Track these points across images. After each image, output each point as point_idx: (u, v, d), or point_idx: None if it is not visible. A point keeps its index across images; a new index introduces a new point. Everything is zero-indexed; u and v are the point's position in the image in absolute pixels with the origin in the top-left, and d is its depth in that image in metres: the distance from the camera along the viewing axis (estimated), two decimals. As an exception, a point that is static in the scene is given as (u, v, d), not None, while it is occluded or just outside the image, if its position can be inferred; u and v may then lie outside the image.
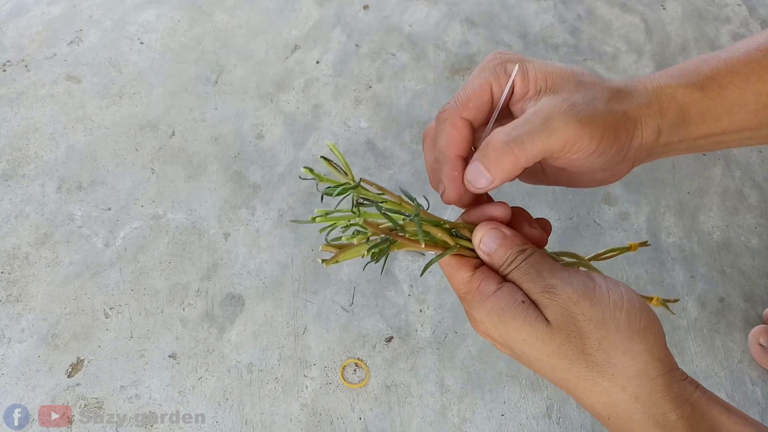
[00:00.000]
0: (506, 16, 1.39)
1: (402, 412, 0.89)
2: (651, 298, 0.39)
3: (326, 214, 0.33)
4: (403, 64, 1.28)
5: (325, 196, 0.34)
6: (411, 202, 0.34)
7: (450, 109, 0.34)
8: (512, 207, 0.36)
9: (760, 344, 0.93)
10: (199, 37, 1.31)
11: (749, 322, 0.98)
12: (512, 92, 0.34)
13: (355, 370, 0.92)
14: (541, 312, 0.30)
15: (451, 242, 0.34)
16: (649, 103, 0.32)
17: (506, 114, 0.35)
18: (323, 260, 0.32)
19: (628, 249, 0.41)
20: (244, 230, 1.05)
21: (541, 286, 0.30)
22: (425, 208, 0.35)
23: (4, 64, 1.24)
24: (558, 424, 0.89)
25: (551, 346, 0.29)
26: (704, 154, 1.17)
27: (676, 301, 0.41)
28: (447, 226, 0.35)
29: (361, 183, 0.34)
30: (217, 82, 1.24)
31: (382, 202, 0.34)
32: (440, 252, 0.33)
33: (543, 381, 0.92)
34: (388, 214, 0.34)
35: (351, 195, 0.34)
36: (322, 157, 0.33)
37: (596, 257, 0.41)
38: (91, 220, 1.05)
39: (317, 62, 1.28)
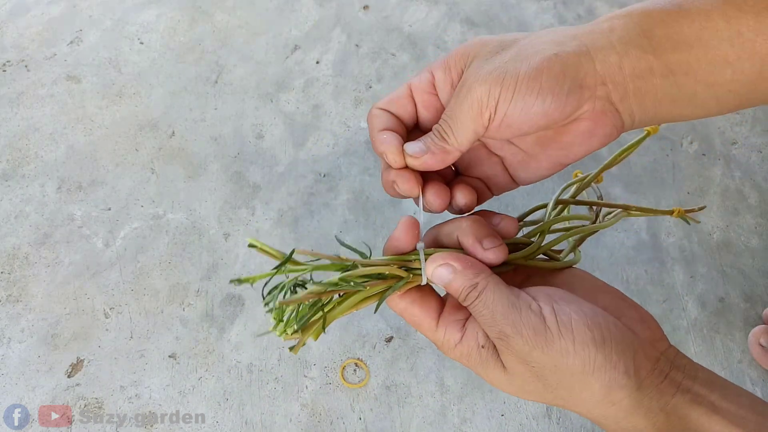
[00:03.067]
0: (506, 16, 1.39)
1: (402, 412, 0.89)
2: (672, 211, 0.39)
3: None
4: (403, 64, 1.28)
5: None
6: (350, 257, 0.34)
7: (374, 106, 0.37)
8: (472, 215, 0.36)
9: (761, 345, 0.93)
10: (199, 37, 1.31)
11: (749, 322, 0.98)
12: (435, 91, 0.36)
13: (355, 370, 0.92)
14: (498, 356, 0.31)
15: (403, 275, 0.34)
16: (601, 31, 0.30)
17: None
18: (291, 348, 0.32)
19: (647, 134, 0.41)
20: (244, 230, 1.05)
21: (495, 331, 0.30)
22: (367, 256, 0.35)
23: (4, 64, 1.24)
24: (558, 424, 0.89)
25: (514, 387, 0.31)
26: (704, 154, 1.17)
27: (702, 208, 0.40)
28: (395, 263, 0.34)
29: (293, 256, 0.32)
30: (217, 82, 1.24)
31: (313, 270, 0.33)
32: (390, 285, 0.32)
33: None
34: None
35: (287, 286, 0.33)
36: (250, 244, 0.31)
37: (610, 163, 0.40)
38: (91, 220, 1.05)
39: (317, 62, 1.28)
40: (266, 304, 0.30)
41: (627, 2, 1.43)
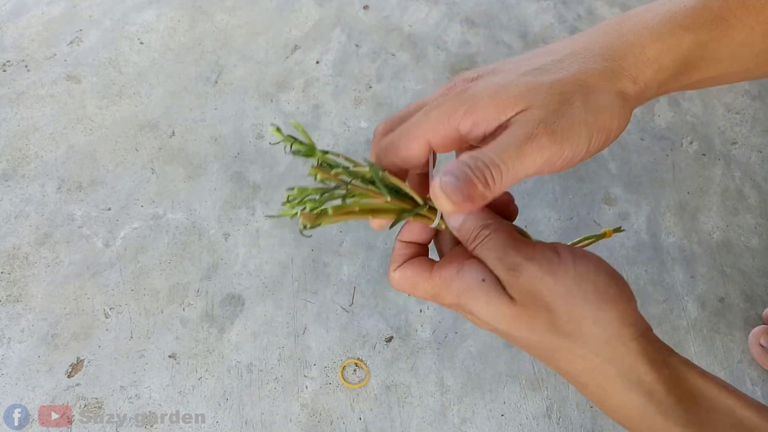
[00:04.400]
0: (506, 16, 1.39)
1: (402, 412, 0.89)
2: (604, 234, 0.38)
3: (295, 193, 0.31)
4: (403, 64, 1.28)
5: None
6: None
7: (375, 154, 0.33)
8: None
9: (761, 345, 0.93)
10: (199, 37, 1.31)
11: (749, 322, 0.98)
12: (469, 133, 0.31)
13: (355, 370, 0.92)
14: (505, 289, 0.30)
15: (420, 201, 0.32)
16: (648, 62, 0.29)
17: None
18: (303, 228, 0.31)
19: (603, 236, 0.39)
20: (244, 230, 1.05)
21: (505, 263, 0.30)
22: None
23: (4, 64, 1.24)
24: (558, 424, 0.89)
25: (519, 322, 0.29)
26: (704, 154, 1.17)
27: (621, 230, 0.40)
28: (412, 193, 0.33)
29: (324, 159, 0.32)
30: (217, 82, 1.24)
31: (343, 166, 0.32)
32: (408, 209, 0.32)
33: (543, 381, 0.92)
34: (345, 163, 0.32)
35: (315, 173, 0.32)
36: (274, 126, 0.31)
37: (571, 245, 0.39)
38: (91, 220, 1.05)
39: (317, 62, 1.28)
40: (290, 189, 0.30)
41: (627, 3, 1.43)
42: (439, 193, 0.28)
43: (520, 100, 0.28)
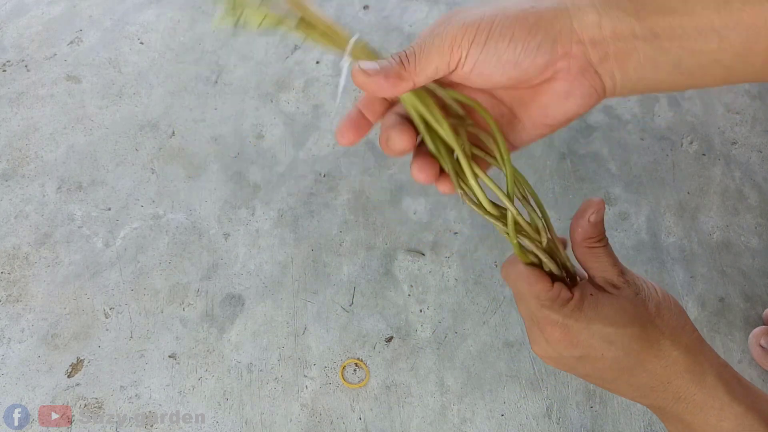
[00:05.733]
0: (506, 16, 1.39)
1: (402, 412, 0.89)
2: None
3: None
4: (403, 64, 1.28)
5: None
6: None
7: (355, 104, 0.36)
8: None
9: (761, 345, 0.93)
10: (199, 37, 1.31)
11: (749, 322, 0.98)
12: None
13: (355, 370, 0.92)
14: (610, 294, 0.35)
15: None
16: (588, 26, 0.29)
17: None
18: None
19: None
20: (244, 230, 1.05)
21: (618, 269, 0.35)
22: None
23: (4, 64, 1.24)
24: (558, 424, 0.88)
25: (627, 316, 0.33)
26: (704, 154, 1.17)
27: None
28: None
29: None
30: (217, 82, 1.24)
31: None
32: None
33: (543, 381, 0.92)
34: None
35: None
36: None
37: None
38: (91, 220, 1.05)
39: (317, 62, 1.28)
40: None
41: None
42: (357, 70, 0.33)
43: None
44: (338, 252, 1.03)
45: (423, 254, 1.03)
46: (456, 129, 0.33)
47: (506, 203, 0.33)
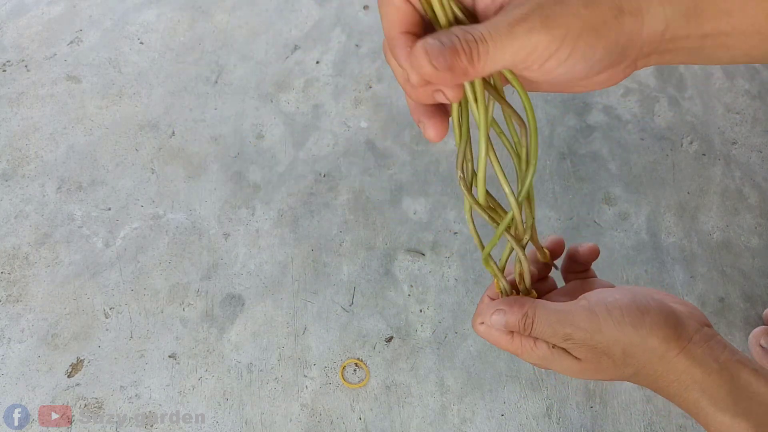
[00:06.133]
0: (506, 16, 1.39)
1: (402, 412, 0.89)
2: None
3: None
4: (403, 64, 1.28)
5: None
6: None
7: None
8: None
9: (761, 346, 0.93)
10: (199, 37, 1.31)
11: (749, 322, 0.98)
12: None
13: (355, 370, 0.92)
14: (569, 353, 0.37)
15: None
16: None
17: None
18: None
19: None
20: (244, 230, 1.05)
21: (560, 337, 0.36)
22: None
23: (4, 64, 1.24)
24: (558, 424, 0.89)
25: (591, 372, 0.37)
26: (704, 154, 1.17)
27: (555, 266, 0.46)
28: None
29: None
30: (217, 82, 1.24)
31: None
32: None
33: (543, 381, 0.92)
34: None
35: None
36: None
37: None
38: (91, 220, 1.05)
39: (317, 62, 1.28)
40: None
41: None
42: (422, 54, 0.27)
43: None
44: (338, 252, 1.03)
45: (423, 254, 1.03)
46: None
47: (513, 207, 0.34)
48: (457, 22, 0.29)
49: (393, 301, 0.98)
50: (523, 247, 0.37)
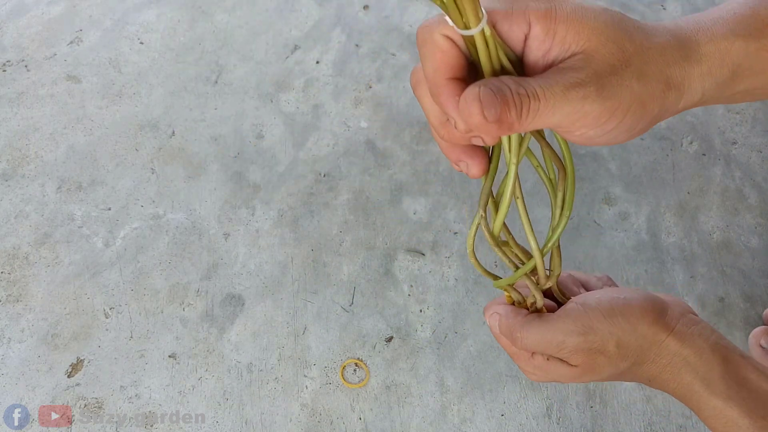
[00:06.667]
0: (506, 16, 1.39)
1: (402, 412, 0.89)
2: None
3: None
4: (403, 64, 1.28)
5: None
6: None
7: (429, 26, 0.27)
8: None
9: (761, 346, 0.93)
10: (199, 37, 1.31)
11: (749, 322, 0.98)
12: (525, 42, 0.28)
13: (355, 370, 0.92)
14: (565, 361, 0.37)
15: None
16: (699, 62, 0.28)
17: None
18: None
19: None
20: (244, 230, 1.05)
21: (554, 347, 0.36)
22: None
23: (4, 64, 1.24)
24: (558, 424, 0.89)
25: (589, 375, 0.37)
26: (704, 154, 1.17)
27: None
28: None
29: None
30: (217, 82, 1.24)
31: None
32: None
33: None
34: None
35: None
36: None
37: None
38: (91, 220, 1.05)
39: (317, 62, 1.28)
40: None
41: (628, 2, 1.43)
42: (473, 100, 0.25)
43: (593, 35, 0.26)
44: (338, 252, 1.03)
45: (423, 254, 1.03)
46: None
47: (536, 256, 0.35)
48: (503, 71, 0.28)
49: (393, 301, 0.98)
50: (541, 291, 0.37)
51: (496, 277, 0.37)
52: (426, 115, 0.31)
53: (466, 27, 0.25)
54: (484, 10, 0.26)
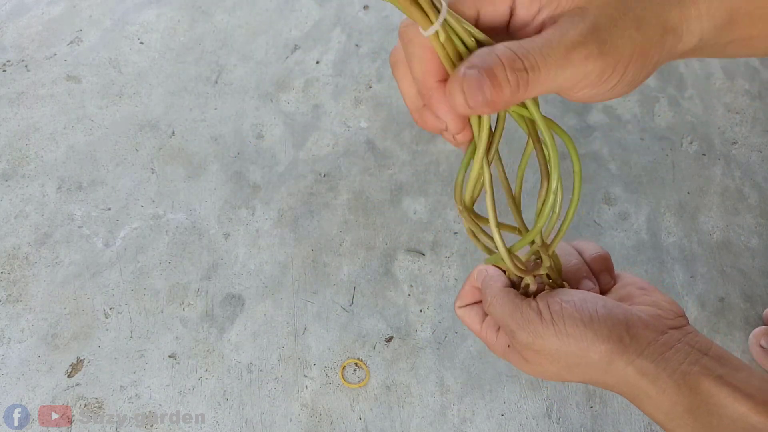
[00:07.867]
0: (506, 16, 1.39)
1: (402, 412, 0.89)
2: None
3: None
4: (403, 64, 1.28)
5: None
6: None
7: (414, 23, 0.26)
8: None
9: (761, 346, 0.93)
10: (199, 37, 1.31)
11: (749, 322, 0.98)
12: (513, 11, 0.26)
13: (355, 370, 0.92)
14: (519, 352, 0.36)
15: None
16: (696, 3, 0.27)
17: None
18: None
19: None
20: (244, 230, 1.05)
21: (509, 331, 0.35)
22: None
23: (4, 64, 1.24)
24: (558, 424, 0.89)
25: (538, 372, 0.36)
26: (704, 154, 1.17)
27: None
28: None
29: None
30: (217, 82, 1.24)
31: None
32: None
33: (543, 381, 0.92)
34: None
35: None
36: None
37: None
38: (91, 220, 1.05)
39: (317, 62, 1.28)
40: None
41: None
42: (457, 90, 0.24)
43: None
44: (338, 252, 1.03)
45: (423, 254, 1.03)
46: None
47: (544, 259, 0.36)
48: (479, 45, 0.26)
49: (393, 301, 0.98)
50: (548, 254, 0.36)
51: (490, 252, 0.37)
52: (403, 98, 0.29)
53: (431, 23, 0.24)
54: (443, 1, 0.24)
